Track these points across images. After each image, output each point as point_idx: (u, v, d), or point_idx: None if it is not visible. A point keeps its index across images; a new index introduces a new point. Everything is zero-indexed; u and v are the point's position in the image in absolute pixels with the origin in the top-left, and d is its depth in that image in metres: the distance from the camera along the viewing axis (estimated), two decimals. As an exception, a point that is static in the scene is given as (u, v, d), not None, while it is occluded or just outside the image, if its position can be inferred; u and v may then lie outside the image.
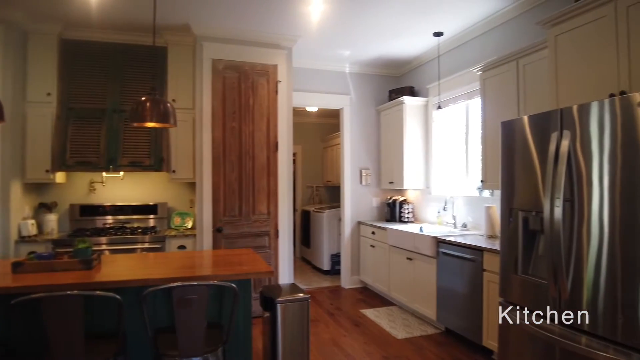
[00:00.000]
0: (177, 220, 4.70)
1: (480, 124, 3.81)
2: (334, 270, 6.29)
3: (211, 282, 1.99)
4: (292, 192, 4.49)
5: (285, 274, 4.38)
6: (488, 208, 3.90)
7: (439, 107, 4.52)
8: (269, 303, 2.81)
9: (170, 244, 4.22)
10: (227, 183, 4.21)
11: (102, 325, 2.19)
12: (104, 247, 4.03)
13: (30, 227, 4.04)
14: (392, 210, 5.41)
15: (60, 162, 4.09)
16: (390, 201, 5.45)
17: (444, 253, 3.81)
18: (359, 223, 5.61)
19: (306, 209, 7.32)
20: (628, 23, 2.29)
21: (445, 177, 5.01)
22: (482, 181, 3.77)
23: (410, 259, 4.33)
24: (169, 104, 2.73)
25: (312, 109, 6.77)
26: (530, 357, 2.34)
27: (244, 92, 4.31)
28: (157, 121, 2.64)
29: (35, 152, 4.10)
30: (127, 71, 4.36)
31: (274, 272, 2.31)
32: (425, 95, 5.24)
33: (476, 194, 4.34)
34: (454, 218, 4.52)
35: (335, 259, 6.31)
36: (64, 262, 2.40)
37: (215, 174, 4.17)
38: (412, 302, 4.34)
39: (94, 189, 4.63)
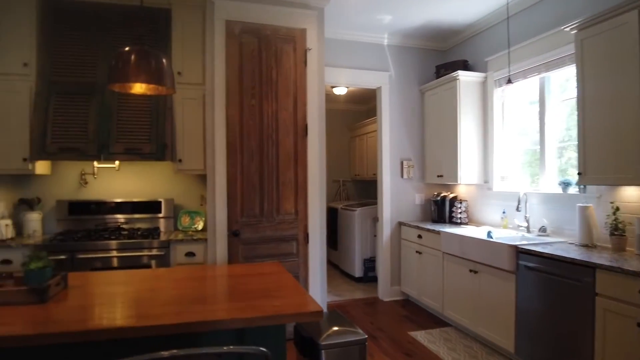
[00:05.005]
0: (185, 221, 3.89)
1: (577, 100, 2.88)
2: (368, 278, 5.43)
3: (226, 348, 1.13)
4: (324, 187, 3.63)
5: (317, 288, 3.54)
6: (584, 209, 2.98)
7: (509, 81, 3.59)
8: (307, 345, 1.97)
9: (176, 250, 3.41)
10: (246, 175, 3.37)
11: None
12: (92, 254, 3.24)
13: (4, 229, 3.27)
14: (441, 209, 4.52)
15: (40, 149, 3.30)
16: (439, 198, 4.55)
17: (527, 267, 2.92)
18: (400, 224, 4.72)
19: (333, 206, 6.46)
20: None
21: (511, 169, 4.09)
22: (579, 174, 2.86)
23: (474, 272, 3.44)
24: (163, 60, 1.88)
25: (341, 91, 5.90)
26: None
27: (265, 62, 3.46)
28: (146, 82, 1.80)
29: (10, 137, 3.32)
30: (122, 38, 3.52)
31: (322, 314, 1.45)
32: (483, 70, 4.31)
33: (556, 190, 3.43)
34: (527, 220, 3.61)
35: (369, 264, 5.44)
36: (3, 292, 1.59)
37: (230, 164, 3.33)
38: (476, 325, 3.46)
39: (86, 182, 3.84)
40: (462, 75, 4.21)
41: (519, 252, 2.99)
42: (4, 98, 3.31)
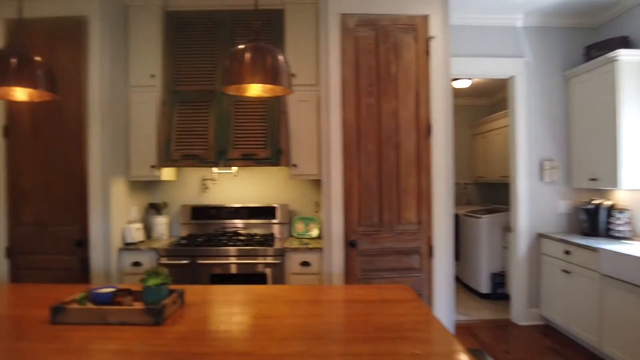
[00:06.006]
0: (299, 227, 3.76)
1: None
2: (497, 295, 4.79)
3: None
4: (451, 194, 3.19)
5: (444, 309, 3.12)
6: None
7: (700, 57, 2.77)
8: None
9: (291, 259, 3.27)
10: (363, 181, 3.10)
11: None
12: (211, 260, 3.26)
13: (135, 233, 3.44)
14: (594, 220, 3.73)
15: (165, 156, 3.42)
16: (591, 206, 3.77)
17: None
18: (540, 236, 4.03)
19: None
20: None
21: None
22: None
23: (653, 303, 2.71)
24: (279, 56, 1.68)
25: (463, 84, 5.33)
26: None
27: (383, 56, 3.15)
28: (262, 82, 1.62)
29: (140, 145, 3.50)
30: (238, 43, 3.50)
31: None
32: (653, 47, 3.46)
33: None
34: None
35: (498, 279, 4.80)
36: (121, 310, 1.51)
37: (347, 168, 3.09)
38: (653, 371, 2.72)
39: (207, 188, 3.94)
40: (624, 55, 3.41)
41: None
42: (137, 109, 3.50)
